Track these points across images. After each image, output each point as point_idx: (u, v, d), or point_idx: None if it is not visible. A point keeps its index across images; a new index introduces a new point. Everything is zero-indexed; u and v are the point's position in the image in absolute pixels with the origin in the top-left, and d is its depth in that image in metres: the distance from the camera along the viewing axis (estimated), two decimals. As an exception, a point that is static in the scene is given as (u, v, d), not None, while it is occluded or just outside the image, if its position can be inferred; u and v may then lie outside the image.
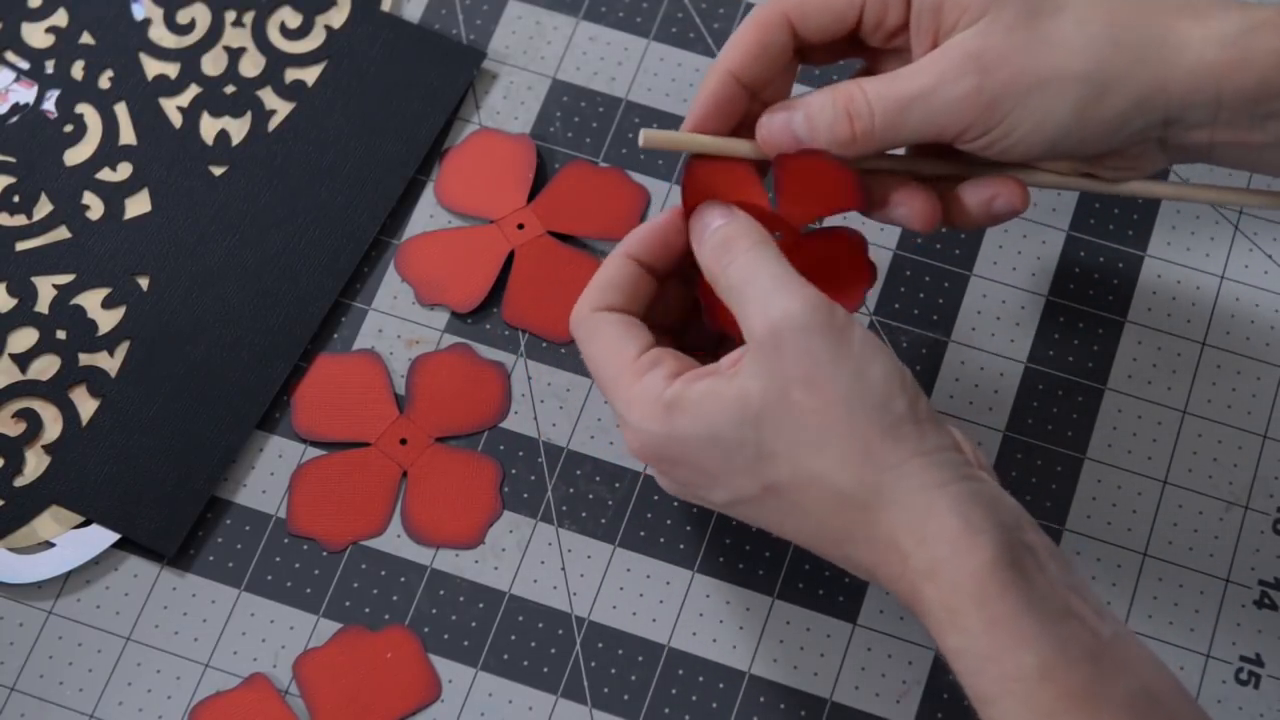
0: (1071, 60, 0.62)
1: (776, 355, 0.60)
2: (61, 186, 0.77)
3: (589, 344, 0.65)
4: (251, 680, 0.69)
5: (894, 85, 0.63)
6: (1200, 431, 0.73)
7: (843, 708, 0.69)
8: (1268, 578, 0.71)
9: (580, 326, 0.65)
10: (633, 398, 0.62)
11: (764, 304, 0.60)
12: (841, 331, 0.60)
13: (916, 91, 0.63)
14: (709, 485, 0.62)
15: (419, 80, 0.79)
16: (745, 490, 0.61)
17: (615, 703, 0.69)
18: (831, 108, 0.64)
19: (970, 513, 0.58)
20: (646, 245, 0.66)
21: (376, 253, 0.76)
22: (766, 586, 0.71)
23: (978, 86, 0.62)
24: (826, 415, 0.59)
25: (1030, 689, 0.56)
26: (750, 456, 0.60)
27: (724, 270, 0.63)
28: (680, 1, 0.80)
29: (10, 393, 0.73)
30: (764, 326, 0.60)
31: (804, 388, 0.59)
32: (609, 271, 0.66)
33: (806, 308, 0.60)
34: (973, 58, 0.62)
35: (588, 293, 0.66)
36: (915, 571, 0.58)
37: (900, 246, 0.76)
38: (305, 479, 0.72)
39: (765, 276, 0.61)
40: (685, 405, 0.61)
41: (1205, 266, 0.76)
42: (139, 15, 0.80)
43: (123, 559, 0.71)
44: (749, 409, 0.60)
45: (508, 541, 0.71)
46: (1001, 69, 0.62)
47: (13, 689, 0.69)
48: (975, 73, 0.62)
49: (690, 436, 0.61)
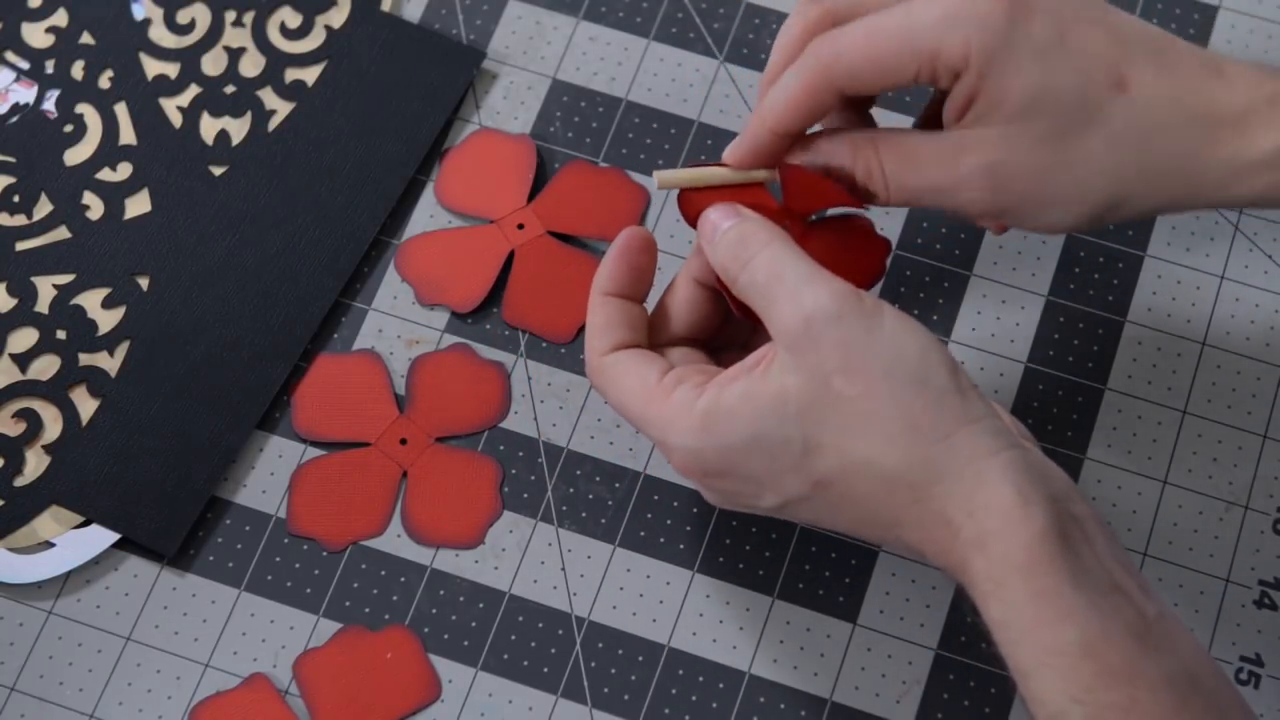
0: (1090, 186, 0.62)
1: (812, 348, 0.59)
2: (61, 186, 0.77)
3: (611, 388, 0.64)
4: (251, 680, 0.69)
5: (912, 173, 0.63)
6: (1200, 431, 0.73)
7: (843, 708, 0.69)
8: (1268, 578, 0.71)
9: (599, 376, 0.65)
10: (667, 418, 0.62)
11: (793, 299, 0.60)
12: (872, 316, 0.60)
13: (931, 187, 0.63)
14: (757, 491, 0.62)
15: (419, 80, 0.79)
16: (794, 490, 0.61)
17: (615, 703, 0.69)
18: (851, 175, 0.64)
19: (1021, 483, 0.58)
20: (616, 279, 0.66)
21: (376, 253, 0.76)
22: (766, 586, 0.71)
23: (990, 201, 0.63)
24: (869, 399, 0.59)
25: (1070, 664, 0.56)
26: (796, 453, 0.60)
27: (744, 268, 0.62)
28: (680, 1, 0.80)
29: (10, 393, 0.73)
30: (796, 321, 0.60)
31: (843, 376, 0.59)
32: (598, 315, 0.65)
33: (835, 298, 0.60)
34: (990, 171, 0.62)
35: (590, 343, 0.65)
36: (965, 544, 0.58)
37: (900, 246, 0.76)
38: (305, 479, 0.72)
39: (789, 272, 0.61)
40: (722, 412, 0.61)
41: (1205, 266, 0.76)
42: (139, 15, 0.80)
43: (123, 559, 0.71)
44: (789, 405, 0.60)
45: (508, 541, 0.71)
46: (1016, 189, 0.62)
47: (13, 689, 0.69)
48: (990, 188, 0.62)
49: (733, 443, 0.61)
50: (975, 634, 0.69)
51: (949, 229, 0.76)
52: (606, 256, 0.66)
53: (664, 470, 0.72)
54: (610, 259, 0.66)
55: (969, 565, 0.58)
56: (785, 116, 0.64)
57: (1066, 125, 0.61)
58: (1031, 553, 0.57)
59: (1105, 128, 0.61)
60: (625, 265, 0.66)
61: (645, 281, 0.66)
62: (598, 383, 0.65)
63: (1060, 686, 0.56)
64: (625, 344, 0.65)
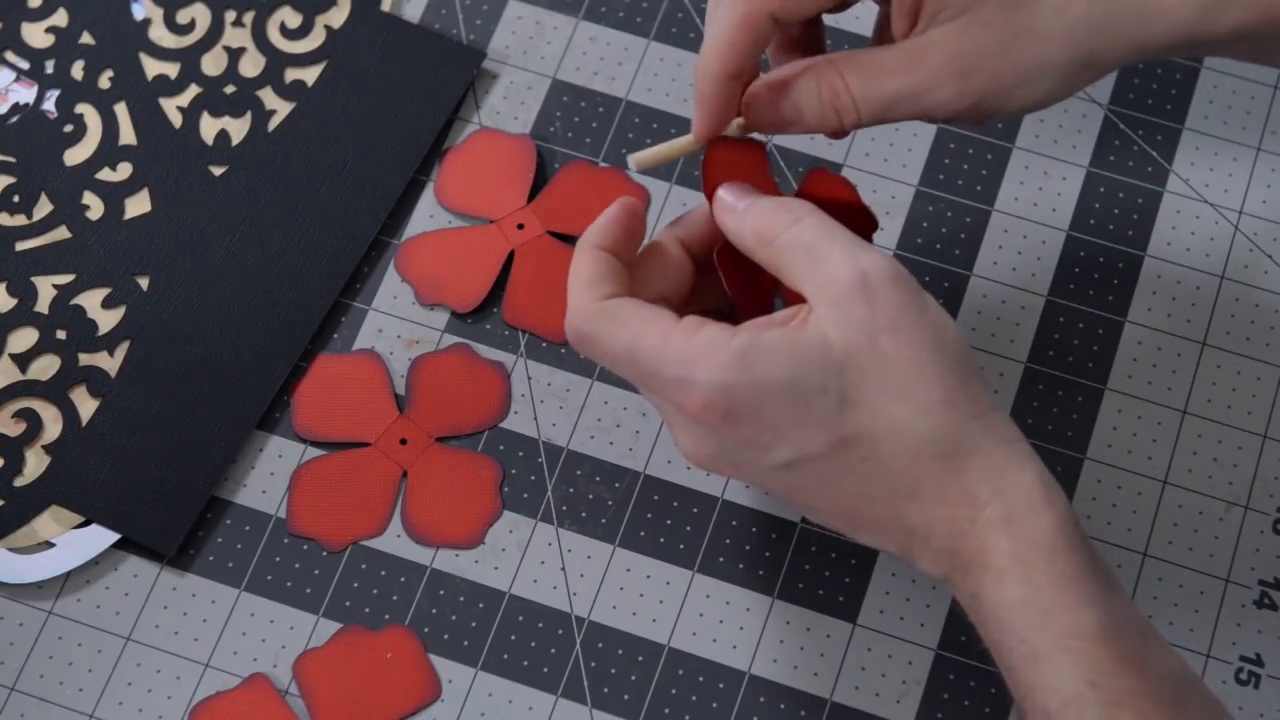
0: (1052, 50, 0.62)
1: (865, 304, 0.59)
2: (61, 186, 0.77)
3: (614, 332, 0.62)
4: (251, 680, 0.69)
5: (878, 84, 0.63)
6: (1200, 431, 0.73)
7: (843, 708, 0.69)
8: (1268, 578, 0.71)
9: (597, 321, 0.62)
10: (693, 352, 0.60)
11: (848, 255, 0.60)
12: (921, 293, 0.61)
13: (900, 92, 0.63)
14: (770, 443, 0.60)
15: (419, 80, 0.79)
16: (813, 445, 0.60)
17: (615, 703, 0.69)
18: (819, 103, 0.64)
19: (1043, 471, 0.59)
20: (610, 235, 0.64)
21: (376, 253, 0.76)
22: (766, 586, 0.71)
23: (960, 90, 0.63)
24: (913, 364, 0.59)
25: (1088, 648, 0.57)
26: (831, 405, 0.59)
27: (790, 228, 0.61)
28: (680, 1, 0.80)
29: (10, 393, 0.73)
30: (852, 275, 0.59)
31: (891, 336, 0.59)
32: (588, 266, 0.63)
33: (892, 264, 0.60)
34: (953, 60, 0.62)
35: (580, 291, 0.63)
36: (988, 521, 0.58)
37: (900, 246, 0.76)
38: (305, 479, 0.72)
39: (839, 234, 0.61)
40: (762, 349, 0.59)
41: (1205, 266, 0.76)
42: (139, 15, 0.80)
43: (123, 559, 0.71)
44: (831, 356, 0.59)
45: (508, 541, 0.71)
46: (982, 69, 0.62)
47: (13, 689, 0.69)
48: (957, 76, 0.62)
49: (770, 382, 0.59)
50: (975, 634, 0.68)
51: (949, 229, 0.76)
52: (600, 217, 0.65)
53: (664, 470, 0.72)
54: (605, 217, 0.65)
55: (987, 544, 0.58)
56: (724, 51, 0.64)
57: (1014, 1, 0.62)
58: (1055, 537, 0.58)
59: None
60: (620, 226, 0.64)
61: (635, 245, 0.65)
62: (596, 327, 0.62)
63: (1077, 671, 0.57)
64: (619, 295, 0.63)
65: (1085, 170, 0.77)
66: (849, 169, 0.77)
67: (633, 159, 0.65)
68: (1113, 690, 0.56)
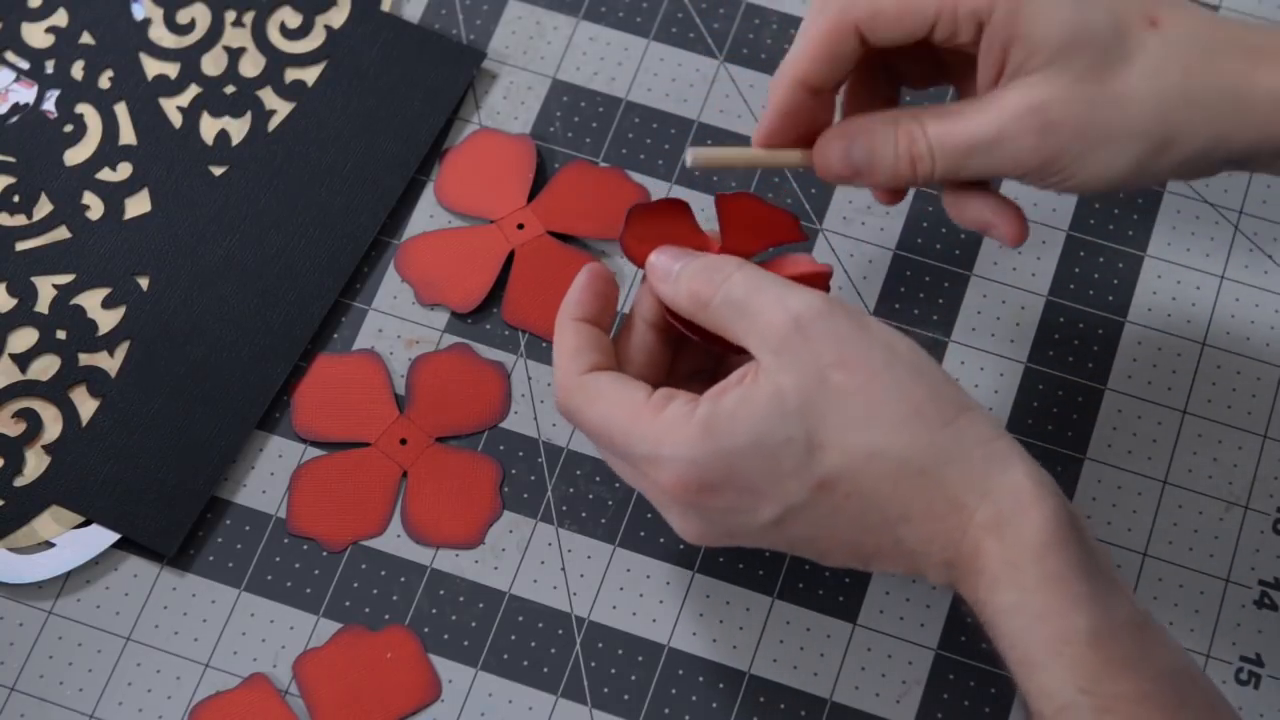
0: (1137, 118, 0.61)
1: (804, 344, 0.59)
2: (61, 186, 0.77)
3: (591, 407, 0.63)
4: (251, 680, 0.69)
5: (955, 131, 0.62)
6: (1200, 431, 0.73)
7: (843, 708, 0.69)
8: (1268, 578, 0.71)
9: (576, 395, 0.63)
10: (660, 431, 0.61)
11: (778, 303, 0.60)
12: (860, 315, 0.60)
13: (978, 141, 0.62)
14: (754, 504, 0.60)
15: (419, 80, 0.79)
16: (794, 495, 0.60)
17: (615, 703, 0.69)
18: (894, 150, 0.63)
19: (1029, 466, 0.58)
20: (585, 305, 0.65)
21: (376, 253, 0.76)
22: (766, 586, 0.71)
23: (1039, 143, 0.61)
24: (870, 389, 0.59)
25: (1079, 653, 0.56)
26: (799, 452, 0.59)
27: (721, 287, 0.62)
28: (680, 1, 0.80)
29: (10, 393, 0.73)
30: (784, 320, 0.60)
31: (840, 369, 0.59)
32: (570, 339, 0.64)
33: (821, 298, 0.60)
34: (1036, 112, 0.61)
35: (564, 365, 0.64)
36: (978, 527, 0.58)
37: (900, 246, 0.76)
38: (305, 479, 0.72)
39: (768, 284, 0.61)
40: (720, 418, 0.60)
41: (1205, 266, 0.76)
42: (139, 15, 0.80)
43: (123, 559, 0.71)
44: (788, 403, 0.59)
45: (508, 541, 0.71)
46: (1064, 125, 0.61)
47: (13, 689, 0.69)
48: (1037, 130, 0.61)
49: (734, 448, 0.59)
50: (975, 634, 0.69)
51: (949, 229, 0.76)
52: (572, 287, 0.65)
53: (664, 470, 0.72)
54: (577, 288, 0.65)
55: (980, 549, 0.58)
56: (805, 62, 0.63)
57: (1106, 59, 0.61)
58: (1046, 535, 0.57)
59: (1145, 60, 0.61)
60: (592, 293, 0.65)
61: (611, 310, 0.66)
62: (574, 402, 0.63)
63: (1068, 677, 0.56)
64: (600, 366, 0.64)
65: (1085, 170, 0.77)
66: (849, 169, 0.77)
67: (691, 153, 0.65)
68: (1105, 695, 0.56)
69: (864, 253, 0.76)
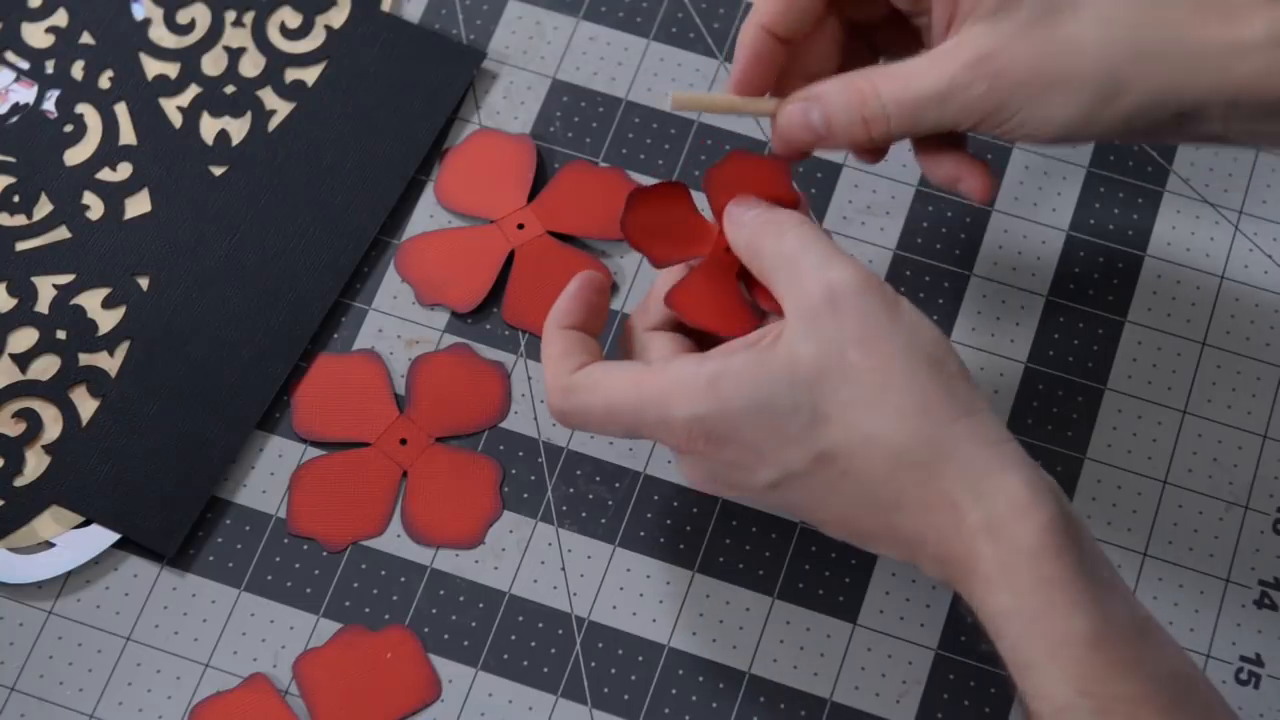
0: (1086, 64, 0.61)
1: (832, 317, 0.60)
2: (61, 186, 0.77)
3: (593, 394, 0.63)
4: (251, 680, 0.69)
5: (908, 88, 0.63)
6: (1200, 431, 0.73)
7: (843, 708, 0.69)
8: (1268, 578, 0.71)
9: (573, 394, 0.63)
10: (667, 388, 0.61)
11: (819, 269, 0.60)
12: (894, 299, 0.61)
13: (930, 95, 0.63)
14: (754, 464, 0.61)
15: (419, 80, 0.79)
16: (794, 463, 0.60)
17: (615, 703, 0.69)
18: (847, 112, 0.64)
19: (1027, 472, 0.58)
20: (573, 314, 0.65)
21: (376, 253, 0.76)
22: (766, 586, 0.71)
23: (989, 90, 0.62)
24: (884, 373, 0.59)
25: (1078, 654, 0.56)
26: (804, 422, 0.59)
27: (775, 239, 0.62)
28: (680, 1, 0.80)
29: (10, 393, 0.73)
30: (820, 288, 0.60)
31: (860, 347, 0.59)
32: (558, 345, 0.64)
33: (861, 274, 0.60)
34: (985, 59, 0.62)
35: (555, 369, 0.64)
36: (972, 528, 0.58)
37: (900, 246, 0.76)
38: (305, 479, 0.72)
39: (818, 247, 0.61)
40: (730, 374, 0.60)
41: (1205, 266, 0.76)
42: (139, 15, 0.80)
43: (123, 559, 0.71)
44: (800, 372, 0.59)
45: (508, 541, 0.71)
46: (1013, 71, 0.62)
47: (13, 689, 0.69)
48: (987, 77, 0.62)
49: (741, 407, 0.60)
50: (975, 634, 0.69)
51: (949, 229, 0.76)
52: (561, 296, 0.66)
53: (664, 470, 0.72)
54: (566, 297, 0.65)
55: (974, 551, 0.58)
56: (769, 9, 0.65)
57: (1053, 6, 0.62)
58: (1041, 539, 0.57)
59: (1093, 8, 0.62)
60: (582, 302, 0.65)
61: (600, 320, 0.66)
62: (572, 401, 0.63)
63: (1066, 679, 0.56)
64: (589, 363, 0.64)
65: (1085, 170, 0.77)
66: (850, 167, 0.77)
67: (674, 96, 0.65)
68: (1104, 697, 0.56)
69: (864, 253, 0.76)
